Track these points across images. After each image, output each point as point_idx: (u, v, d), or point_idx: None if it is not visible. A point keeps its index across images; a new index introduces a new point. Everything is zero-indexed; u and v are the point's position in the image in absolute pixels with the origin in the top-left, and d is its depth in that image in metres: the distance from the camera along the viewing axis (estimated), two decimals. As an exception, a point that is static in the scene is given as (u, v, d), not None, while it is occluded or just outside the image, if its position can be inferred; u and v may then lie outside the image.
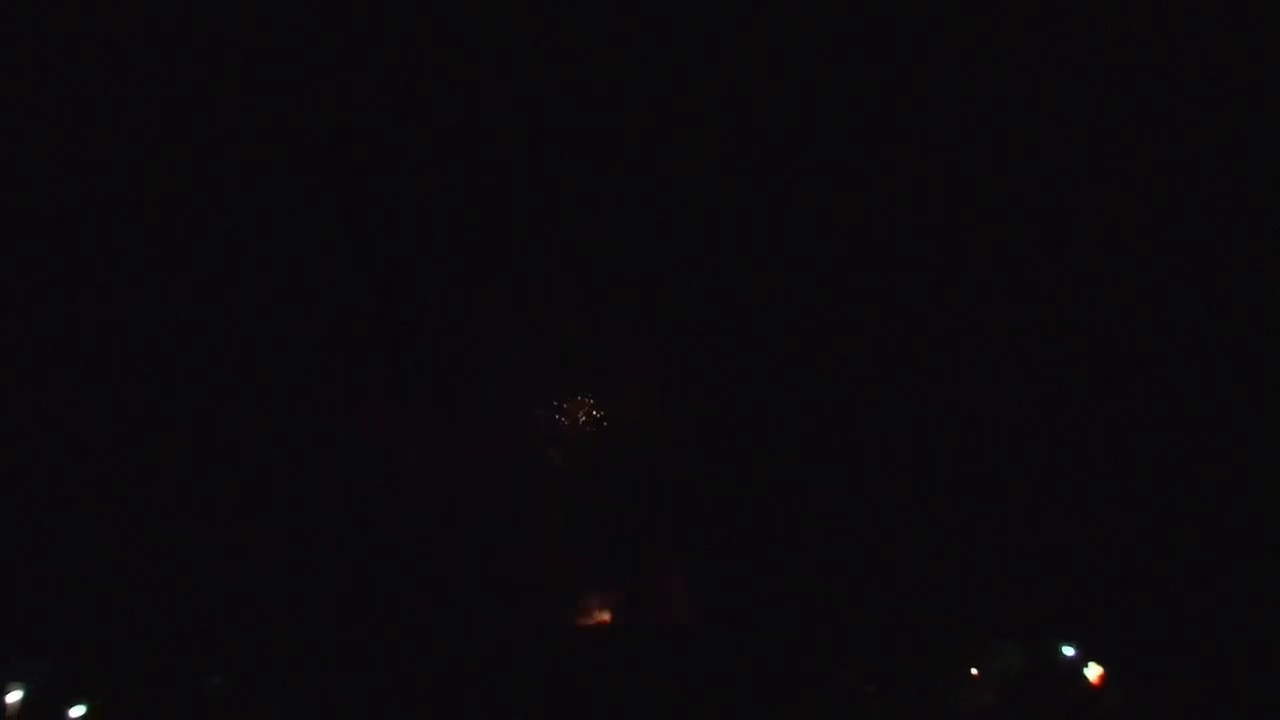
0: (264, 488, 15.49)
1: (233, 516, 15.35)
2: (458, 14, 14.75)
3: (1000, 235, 16.35)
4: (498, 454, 16.66)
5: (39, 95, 14.66)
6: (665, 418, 16.60)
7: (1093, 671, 14.82)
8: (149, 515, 15.20)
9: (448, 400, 16.53)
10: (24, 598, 14.40)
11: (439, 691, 14.48)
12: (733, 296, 16.41)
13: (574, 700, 14.70)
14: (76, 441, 14.91)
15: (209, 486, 15.44)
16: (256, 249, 15.47)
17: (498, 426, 16.75)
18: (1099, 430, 15.33)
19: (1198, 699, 14.31)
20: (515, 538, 16.41)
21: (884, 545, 15.66)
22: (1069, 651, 15.02)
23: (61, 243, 14.93)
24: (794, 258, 16.25)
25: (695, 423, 16.61)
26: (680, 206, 15.93)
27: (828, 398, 16.12)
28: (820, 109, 15.82)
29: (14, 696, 13.69)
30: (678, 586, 16.16)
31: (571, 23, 14.94)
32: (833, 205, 16.12)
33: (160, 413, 15.07)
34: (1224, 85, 15.18)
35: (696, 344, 16.59)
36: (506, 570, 16.12)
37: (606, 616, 16.35)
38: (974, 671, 15.28)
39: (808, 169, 16.03)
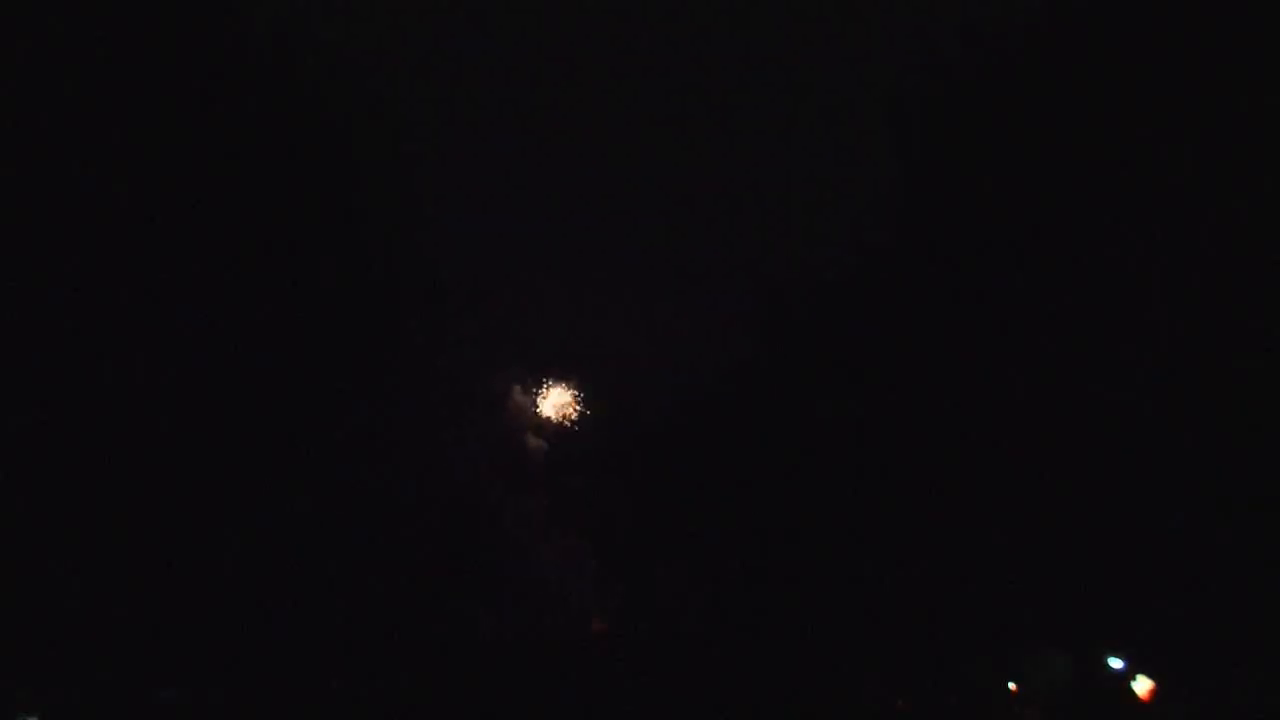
0: (241, 483, 14.51)
1: (206, 517, 14.30)
2: (457, 13, 14.95)
3: (1004, 234, 16.06)
4: (490, 451, 15.89)
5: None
6: (668, 412, 15.86)
7: (1142, 685, 13.57)
8: (113, 520, 14.14)
9: (436, 395, 15.86)
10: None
11: (425, 694, 13.40)
12: (734, 284, 16.04)
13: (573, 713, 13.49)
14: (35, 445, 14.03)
15: (177, 488, 14.44)
16: (247, 241, 15.09)
17: (492, 423, 16.06)
18: (1150, 431, 14.51)
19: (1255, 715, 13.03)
20: (511, 537, 15.44)
21: (913, 548, 14.55)
22: (1117, 663, 13.79)
23: (57, 240, 14.59)
24: (794, 252, 15.95)
25: (700, 416, 15.83)
26: (674, 196, 15.77)
27: (849, 389, 15.40)
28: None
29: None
30: (682, 591, 14.99)
31: (571, 23, 15.15)
32: (832, 203, 15.93)
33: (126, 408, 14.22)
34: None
35: (704, 333, 16.07)
36: (501, 572, 15.10)
37: (603, 625, 15.14)
38: (1012, 686, 14.00)
39: (803, 167, 15.93)
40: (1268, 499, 13.97)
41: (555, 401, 16.38)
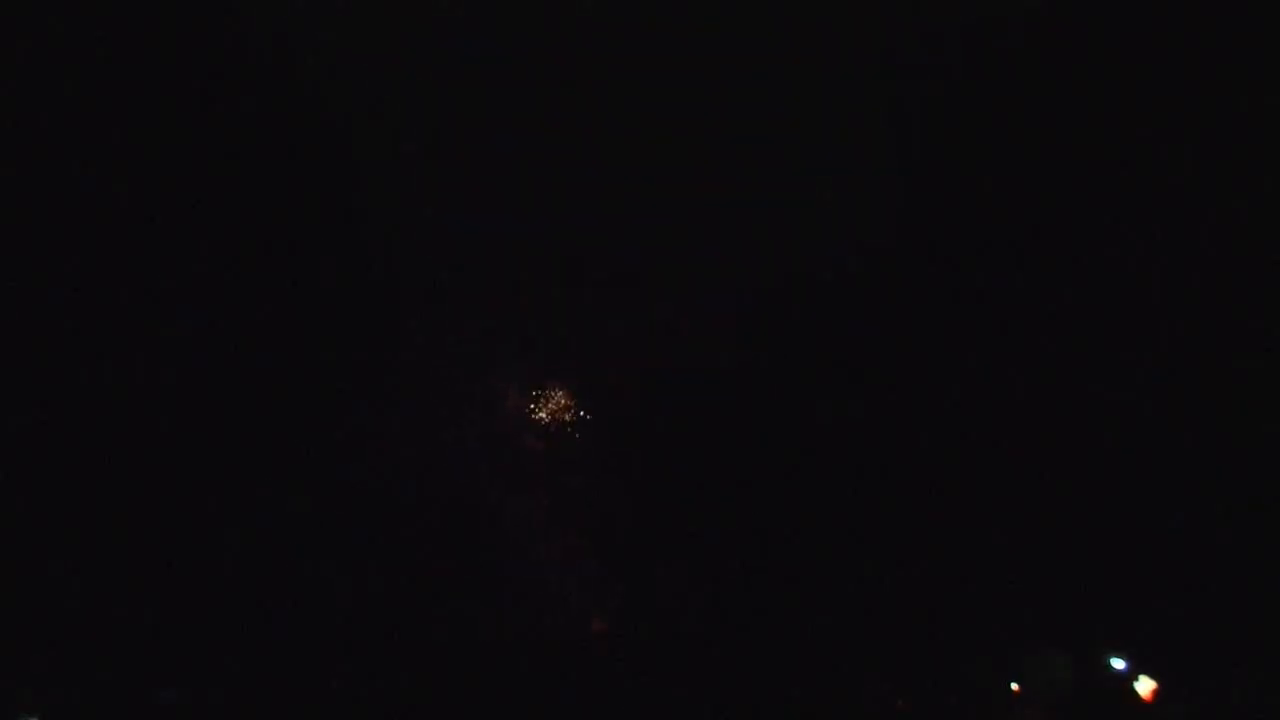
0: (241, 483, 14.55)
1: (206, 517, 14.34)
2: (457, 13, 15.01)
3: (1004, 234, 16.06)
4: (490, 451, 15.88)
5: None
6: (668, 412, 15.84)
7: (1144, 686, 13.55)
8: (114, 520, 14.18)
9: (436, 395, 15.88)
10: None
11: (425, 694, 13.42)
12: (734, 284, 16.03)
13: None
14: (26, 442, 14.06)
15: (177, 488, 14.48)
16: (247, 241, 15.15)
17: (492, 423, 16.04)
18: (1152, 426, 14.52)
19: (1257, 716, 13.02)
20: (511, 538, 15.43)
21: (914, 548, 14.54)
22: (1119, 664, 13.78)
23: (57, 240, 14.63)
24: (793, 252, 15.94)
25: (700, 416, 15.82)
26: (674, 196, 15.76)
27: (848, 389, 15.41)
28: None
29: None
30: (682, 591, 14.98)
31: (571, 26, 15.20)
32: (832, 203, 15.91)
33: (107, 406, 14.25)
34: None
35: (704, 333, 16.06)
36: (501, 572, 15.09)
37: (603, 625, 15.09)
38: (1015, 687, 13.97)
39: (803, 167, 15.92)
40: (1268, 499, 13.98)
41: (555, 401, 16.36)
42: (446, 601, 14.58)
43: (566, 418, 15.84)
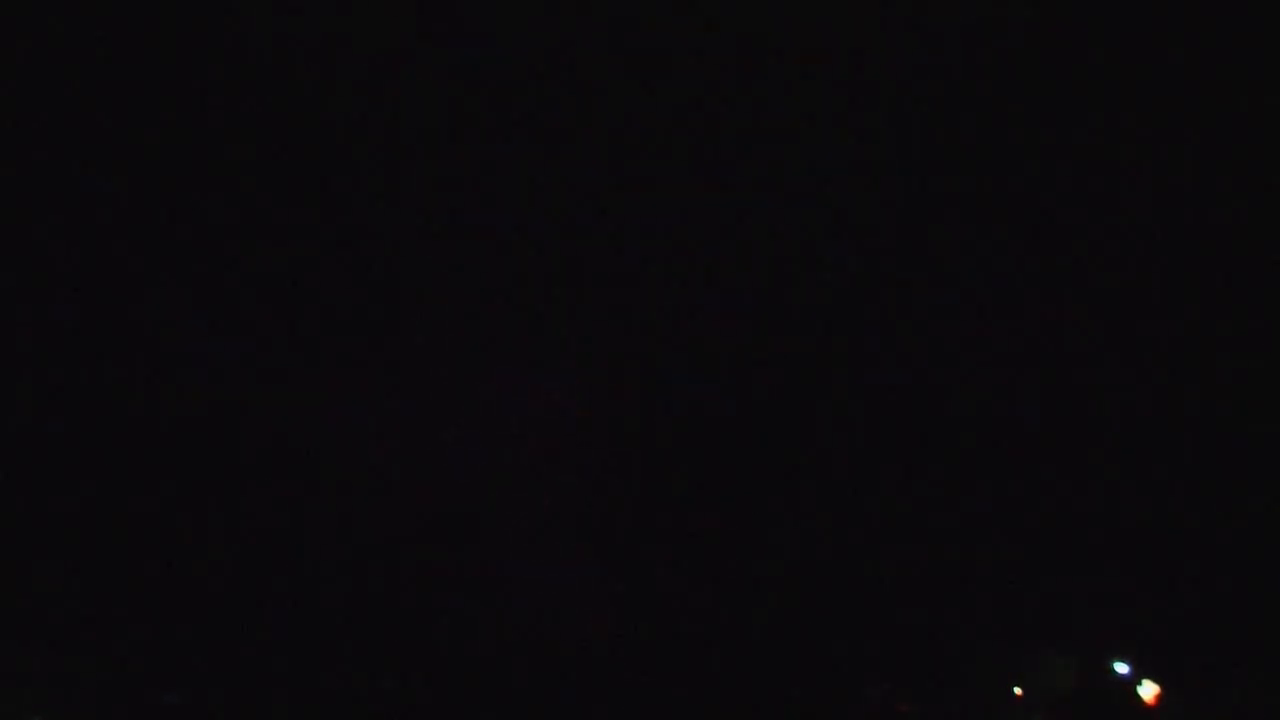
0: (241, 483, 14.59)
1: (206, 517, 14.38)
2: (457, 13, 14.99)
3: (1004, 234, 16.05)
4: (490, 451, 15.89)
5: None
6: (668, 412, 15.85)
7: (1148, 690, 13.59)
8: (113, 520, 14.22)
9: (436, 395, 15.90)
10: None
11: (426, 694, 13.44)
12: (733, 284, 16.02)
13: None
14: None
15: (177, 488, 14.51)
16: (246, 241, 15.16)
17: (492, 423, 16.06)
18: (1152, 426, 14.52)
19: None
20: (511, 538, 15.45)
21: (914, 546, 14.55)
22: (1121, 668, 13.82)
23: (57, 240, 14.64)
24: (790, 244, 15.93)
25: (700, 416, 15.83)
26: (673, 195, 15.72)
27: (846, 377, 15.42)
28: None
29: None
30: (682, 591, 14.99)
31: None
32: (826, 197, 15.90)
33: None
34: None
35: (704, 332, 16.05)
36: (501, 572, 15.12)
37: (604, 625, 15.11)
38: (1017, 691, 14.01)
39: (801, 162, 15.89)
40: (1268, 499, 13.98)
41: (556, 401, 16.37)
42: (446, 601, 14.64)
43: (567, 417, 15.85)
